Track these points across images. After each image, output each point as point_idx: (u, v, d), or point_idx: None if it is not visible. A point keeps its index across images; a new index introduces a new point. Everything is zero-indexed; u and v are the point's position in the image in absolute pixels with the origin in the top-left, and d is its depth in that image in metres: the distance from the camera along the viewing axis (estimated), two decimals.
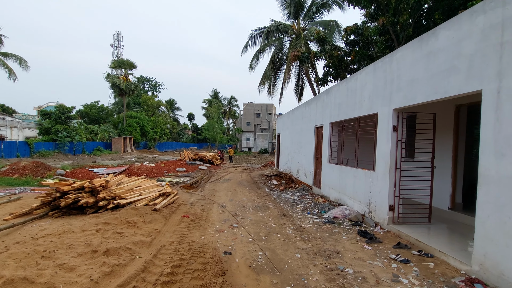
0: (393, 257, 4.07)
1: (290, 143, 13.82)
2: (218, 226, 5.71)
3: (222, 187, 11.09)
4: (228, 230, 5.49)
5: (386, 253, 4.32)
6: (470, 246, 4.13)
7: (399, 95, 5.19)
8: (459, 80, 3.84)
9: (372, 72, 6.21)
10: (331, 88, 8.75)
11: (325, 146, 8.87)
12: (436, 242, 4.39)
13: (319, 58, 11.08)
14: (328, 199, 8.43)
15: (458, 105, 6.01)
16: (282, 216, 6.76)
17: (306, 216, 6.74)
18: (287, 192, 10.13)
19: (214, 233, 5.28)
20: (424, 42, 4.56)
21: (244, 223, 6.00)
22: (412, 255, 4.19)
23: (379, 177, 5.73)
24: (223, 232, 5.35)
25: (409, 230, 5.00)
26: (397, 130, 5.42)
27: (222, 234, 5.19)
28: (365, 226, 5.71)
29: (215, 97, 64.44)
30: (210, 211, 7.02)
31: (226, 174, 16.03)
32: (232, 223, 5.95)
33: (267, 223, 6.10)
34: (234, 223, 5.94)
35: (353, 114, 7.05)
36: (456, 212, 5.89)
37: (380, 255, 4.27)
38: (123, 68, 41.01)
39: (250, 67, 21.15)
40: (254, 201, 8.48)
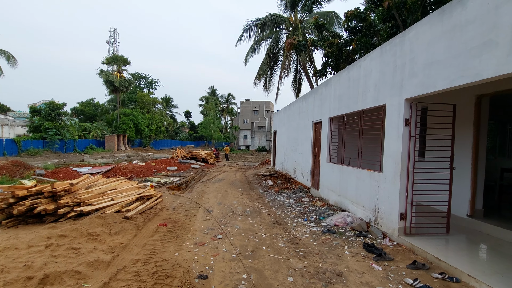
0: (410, 283, 3.23)
1: (286, 141, 12.97)
2: (198, 238, 4.86)
3: (212, 188, 10.23)
4: (210, 242, 4.64)
5: (400, 276, 3.48)
6: (506, 269, 3.30)
7: (413, 82, 4.33)
8: (496, 57, 2.98)
9: (379, 57, 5.34)
10: (330, 79, 7.87)
11: (323, 143, 8.02)
12: (461, 261, 3.56)
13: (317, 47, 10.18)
14: (327, 202, 7.59)
15: (479, 95, 5.16)
16: (275, 223, 5.91)
17: (302, 223, 5.89)
18: (283, 193, 9.28)
19: (193, 246, 4.42)
20: (447, 14, 3.69)
21: (230, 233, 5.15)
22: (433, 280, 3.35)
23: (388, 179, 4.88)
24: (204, 245, 4.50)
25: (425, 244, 4.17)
26: (410, 124, 4.56)
27: (201, 249, 4.34)
28: (371, 238, 4.87)
29: (212, 94, 63.45)
30: (194, 218, 6.16)
31: (219, 174, 15.17)
32: (216, 233, 5.09)
33: (257, 232, 5.25)
34: (218, 234, 5.09)
35: (355, 107, 6.19)
36: (477, 220, 5.06)
37: (393, 278, 3.43)
38: (116, 64, 39.96)
39: (245, 60, 20.22)
40: (245, 205, 7.63)
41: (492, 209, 5.76)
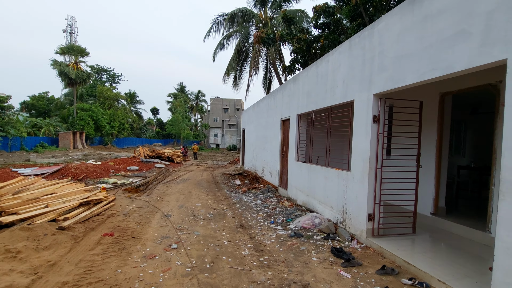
0: None
1: (255, 139, 12.58)
2: (149, 249, 4.22)
3: (175, 189, 9.48)
4: (162, 254, 4.04)
5: (369, 284, 3.20)
6: (474, 271, 3.17)
7: (382, 77, 4.12)
8: (469, 48, 2.79)
9: (347, 50, 5.11)
10: (299, 74, 7.59)
11: (292, 141, 7.73)
12: (430, 265, 3.39)
13: (286, 42, 9.91)
14: (295, 202, 7.31)
15: (443, 93, 5.15)
16: (239, 227, 5.45)
17: (269, 226, 5.50)
18: (250, 194, 8.86)
19: (140, 261, 3.79)
20: (418, 3, 3.49)
21: (188, 241, 4.58)
22: (403, 286, 3.12)
23: (356, 179, 4.66)
24: (154, 258, 3.89)
25: (393, 246, 3.98)
26: (378, 121, 4.36)
27: (150, 263, 3.73)
28: (339, 240, 4.61)
29: (181, 91, 61.25)
30: (148, 224, 5.47)
31: (185, 173, 14.34)
32: (171, 243, 4.49)
33: (218, 239, 4.74)
34: (173, 243, 4.49)
35: (324, 103, 5.94)
36: (440, 218, 5.06)
37: (362, 287, 3.15)
38: (73, 54, 36.61)
39: (213, 55, 19.45)
40: (209, 207, 7.07)
41: (452, 206, 5.86)
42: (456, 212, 5.45)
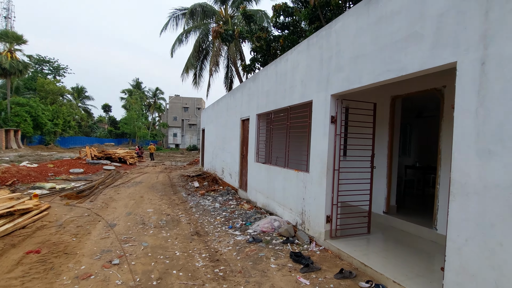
0: None
1: (214, 139, 12.14)
2: (84, 267, 3.62)
3: (124, 194, 8.63)
4: (100, 272, 3.48)
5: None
6: (425, 269, 3.25)
7: (339, 77, 4.10)
8: (421, 50, 2.82)
9: (306, 50, 5.04)
10: (258, 73, 7.41)
11: (251, 142, 7.51)
12: (385, 266, 3.41)
13: (245, 39, 9.69)
14: (255, 205, 7.11)
15: (394, 96, 5.37)
16: (194, 235, 5.04)
17: (227, 232, 5.19)
18: (208, 197, 8.43)
19: (71, 282, 3.20)
20: (373, 4, 3.49)
21: (134, 255, 4.06)
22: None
23: (314, 180, 4.59)
24: (89, 278, 3.32)
25: (350, 247, 3.97)
26: (335, 122, 4.34)
27: (84, 285, 3.17)
28: (298, 243, 4.50)
29: (137, 87, 57.69)
30: (86, 237, 4.77)
31: (138, 175, 13.29)
32: (112, 257, 3.93)
33: (169, 250, 4.30)
34: (116, 257, 3.93)
35: (283, 103, 5.83)
36: (391, 216, 5.26)
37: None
38: (7, 41, 31.99)
39: (171, 51, 18.44)
40: (162, 213, 6.50)
41: (401, 204, 6.18)
42: (405, 210, 5.74)
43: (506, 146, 2.10)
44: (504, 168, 2.11)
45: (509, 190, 2.08)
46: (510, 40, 2.11)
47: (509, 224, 2.07)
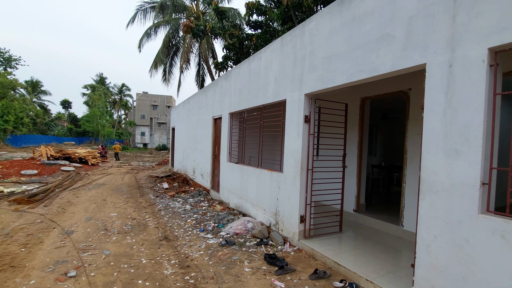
0: None
1: (185, 138, 11.72)
2: (35, 281, 3.20)
3: (85, 197, 7.95)
4: (53, 287, 3.10)
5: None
6: (395, 265, 3.34)
7: (313, 76, 4.09)
8: (392, 52, 2.88)
9: (279, 48, 4.98)
10: (231, 71, 7.25)
11: (224, 141, 7.32)
12: (357, 263, 3.45)
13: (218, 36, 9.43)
14: (228, 206, 6.94)
15: (363, 98, 5.53)
16: (163, 239, 4.75)
17: (198, 235, 4.96)
18: (179, 198, 8.08)
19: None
20: (346, 5, 3.51)
21: (93, 265, 3.69)
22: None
23: (288, 180, 4.55)
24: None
25: (323, 247, 3.98)
26: (309, 122, 4.33)
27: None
28: (272, 245, 4.42)
29: (101, 83, 54.17)
30: (38, 246, 4.26)
31: (101, 177, 12.39)
32: (68, 269, 3.53)
33: (135, 258, 3.98)
34: (72, 268, 3.54)
35: (256, 102, 5.73)
36: (361, 214, 5.41)
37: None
38: None
39: (139, 45, 17.50)
40: (128, 217, 6.07)
41: (369, 202, 6.41)
42: (373, 208, 5.95)
43: (472, 146, 2.19)
44: (470, 167, 2.19)
45: (474, 188, 2.16)
46: (475, 44, 2.19)
47: (474, 221, 2.16)
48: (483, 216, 2.12)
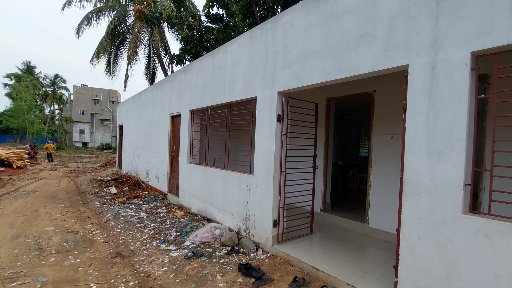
0: None
1: (136, 137, 10.65)
2: None
3: (9, 209, 6.57)
4: None
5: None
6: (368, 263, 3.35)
7: (287, 74, 3.91)
8: (373, 52, 2.83)
9: (248, 42, 4.70)
10: (191, 64, 6.70)
11: (183, 140, 6.76)
12: (333, 266, 3.39)
13: (175, 26, 8.65)
14: (190, 211, 6.43)
15: (329, 98, 5.59)
16: (116, 256, 4.09)
17: (159, 248, 4.41)
18: (131, 205, 7.23)
19: None
20: (323, 1, 3.40)
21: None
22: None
23: (260, 182, 4.32)
24: None
25: (298, 251, 3.86)
26: (282, 121, 4.16)
27: None
28: (244, 252, 4.14)
29: (28, 72, 46.86)
30: None
31: (31, 182, 10.53)
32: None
33: (81, 283, 3.31)
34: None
35: (222, 99, 5.36)
36: (327, 213, 5.48)
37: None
38: None
39: (77, 31, 15.38)
40: (68, 231, 5.15)
41: (336, 201, 6.57)
42: (337, 207, 6.09)
43: (455, 148, 2.22)
44: (453, 168, 2.23)
45: (458, 188, 2.20)
46: (458, 47, 2.23)
47: (458, 221, 2.20)
48: (466, 216, 2.16)
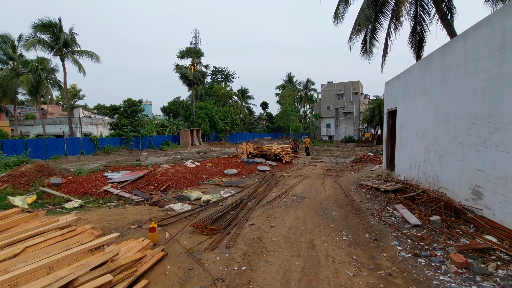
0: None
1: (434, 123, 6.32)
2: None
3: (281, 230, 4.81)
4: None
5: None
6: None
7: None
8: None
9: None
10: None
11: None
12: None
13: None
14: None
15: None
16: None
17: None
18: (489, 279, 3.07)
19: None
20: None
21: None
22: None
23: None
24: None
25: None
26: None
27: None
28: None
29: (289, 82, 57.92)
30: None
31: (297, 182, 9.64)
32: None
33: None
34: None
35: None
36: None
37: None
38: (190, 56, 38.84)
39: (335, 17, 13.58)
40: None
41: None
42: None
43: None
44: None
45: None
46: None
47: None
48: None
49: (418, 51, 13.87)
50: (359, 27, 12.04)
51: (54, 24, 21.70)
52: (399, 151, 8.65)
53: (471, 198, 4.86)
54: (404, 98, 8.20)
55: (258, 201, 6.86)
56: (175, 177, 9.32)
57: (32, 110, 39.54)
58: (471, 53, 4.86)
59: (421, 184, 6.91)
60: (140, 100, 30.38)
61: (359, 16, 12.00)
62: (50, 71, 25.61)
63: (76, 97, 57.47)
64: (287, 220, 5.36)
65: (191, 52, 38.75)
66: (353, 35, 12.67)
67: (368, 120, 37.77)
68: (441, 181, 5.91)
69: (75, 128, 27.95)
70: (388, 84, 9.73)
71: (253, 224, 5.11)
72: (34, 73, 23.11)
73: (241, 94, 58.17)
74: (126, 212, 5.93)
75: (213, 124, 38.42)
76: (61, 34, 21.80)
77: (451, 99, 5.54)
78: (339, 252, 3.87)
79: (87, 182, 8.87)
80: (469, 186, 4.91)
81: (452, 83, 5.51)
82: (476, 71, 4.72)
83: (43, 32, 21.72)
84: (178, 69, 37.92)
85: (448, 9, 12.47)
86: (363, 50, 14.08)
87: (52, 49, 22.03)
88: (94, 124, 33.77)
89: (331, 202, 6.72)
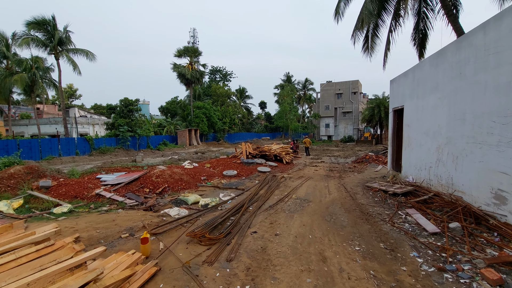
0: None
1: (448, 122, 5.93)
2: None
3: (287, 239, 4.39)
4: None
5: None
6: None
7: None
8: None
9: None
10: None
11: None
12: None
13: None
14: None
15: None
16: None
17: None
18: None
19: None
20: None
21: None
22: None
23: None
24: None
25: None
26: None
27: None
28: None
29: (287, 81, 57.52)
30: None
31: (299, 183, 9.23)
32: None
33: None
34: None
35: None
36: None
37: None
38: (187, 55, 38.26)
39: (336, 13, 13.25)
40: None
41: None
42: None
43: None
44: None
45: None
46: None
47: None
48: None
49: (421, 48, 13.52)
50: (362, 23, 11.64)
51: (48, 22, 21.13)
52: (406, 151, 8.26)
53: (492, 203, 4.47)
54: (412, 96, 7.81)
55: (260, 205, 6.44)
56: (171, 179, 8.88)
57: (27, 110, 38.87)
58: (493, 46, 4.47)
59: (432, 186, 6.53)
60: (137, 99, 29.76)
61: (362, 11, 11.61)
62: (45, 70, 25.00)
63: (73, 97, 56.76)
64: (292, 227, 4.94)
65: (189, 51, 38.20)
66: (356, 31, 12.28)
67: (368, 120, 37.48)
68: (456, 183, 5.52)
69: (70, 128, 27.37)
70: (394, 82, 9.34)
71: (256, 232, 4.69)
72: (28, 72, 22.54)
73: (240, 93, 57.67)
74: (118, 219, 5.48)
75: (211, 123, 37.91)
76: (56, 32, 21.25)
77: (468, 95, 5.15)
78: (353, 265, 3.47)
79: (78, 185, 8.41)
80: (490, 190, 4.52)
81: (469, 78, 5.12)
82: (499, 65, 4.33)
83: (37, 30, 21.14)
84: (175, 68, 37.36)
85: (454, 5, 12.14)
86: (364, 48, 13.70)
87: (46, 47, 21.47)
88: (90, 124, 33.14)
89: (338, 206, 6.31)
